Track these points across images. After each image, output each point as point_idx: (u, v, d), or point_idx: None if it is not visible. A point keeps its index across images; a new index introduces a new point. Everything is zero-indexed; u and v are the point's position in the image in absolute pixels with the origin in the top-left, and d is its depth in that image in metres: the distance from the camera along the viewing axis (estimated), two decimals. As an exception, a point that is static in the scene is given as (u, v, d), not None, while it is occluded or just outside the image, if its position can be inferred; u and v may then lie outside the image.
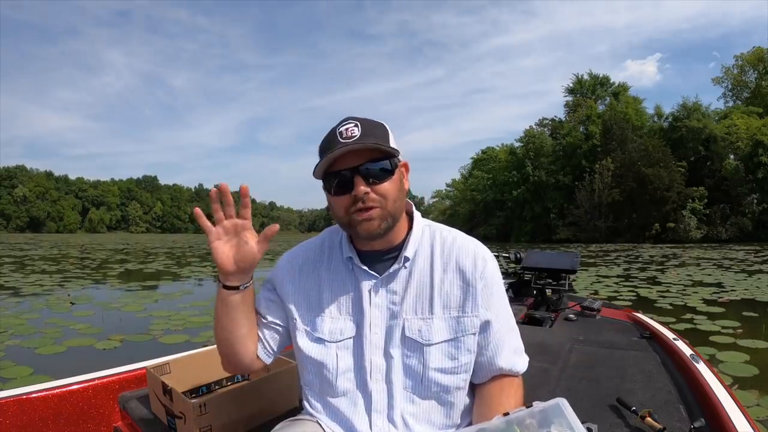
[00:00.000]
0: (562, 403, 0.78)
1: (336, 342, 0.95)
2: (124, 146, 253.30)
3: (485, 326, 0.95)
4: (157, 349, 4.56)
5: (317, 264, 1.01)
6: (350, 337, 0.95)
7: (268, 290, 1.04)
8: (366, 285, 0.95)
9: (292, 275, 1.01)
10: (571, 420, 0.76)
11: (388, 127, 0.93)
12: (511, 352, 0.97)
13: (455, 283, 0.95)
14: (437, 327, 0.93)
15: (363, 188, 0.87)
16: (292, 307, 0.99)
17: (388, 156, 0.89)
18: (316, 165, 0.89)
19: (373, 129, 0.89)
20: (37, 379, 3.63)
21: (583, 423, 0.79)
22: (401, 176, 0.94)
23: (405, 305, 0.94)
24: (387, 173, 0.89)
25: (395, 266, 0.95)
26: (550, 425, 0.76)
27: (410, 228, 0.98)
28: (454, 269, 0.95)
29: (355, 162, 0.87)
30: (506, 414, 0.79)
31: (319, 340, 0.96)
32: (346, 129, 0.87)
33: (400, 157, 0.93)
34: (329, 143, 0.88)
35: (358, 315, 0.96)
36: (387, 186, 0.89)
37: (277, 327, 1.02)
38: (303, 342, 0.97)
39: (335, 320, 0.96)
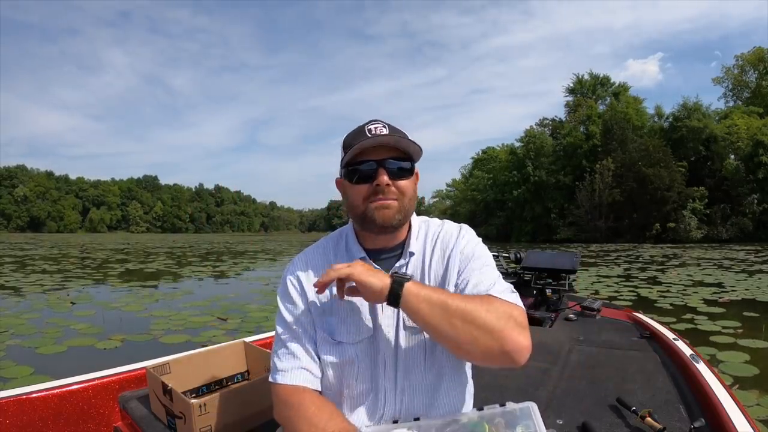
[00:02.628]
0: (532, 407, 0.82)
1: (355, 343, 0.97)
2: (124, 146, 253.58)
3: (462, 274, 0.96)
4: (157, 349, 4.56)
5: (325, 269, 1.00)
6: (368, 336, 0.98)
7: (293, 309, 0.99)
8: None
9: (304, 284, 1.01)
10: (537, 424, 0.79)
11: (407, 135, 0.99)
12: (491, 284, 0.93)
13: (439, 261, 1.01)
14: None
15: (385, 179, 0.92)
16: (312, 318, 0.99)
17: (409, 158, 0.97)
18: (344, 155, 0.94)
19: (398, 132, 0.96)
20: (37, 378, 3.63)
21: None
22: (415, 181, 1.00)
23: None
24: (407, 172, 0.96)
25: (401, 261, 1.00)
26: (516, 426, 0.79)
27: (410, 227, 1.04)
28: (439, 249, 1.02)
29: (381, 156, 0.93)
30: (480, 409, 0.84)
31: (340, 344, 0.97)
32: (375, 127, 0.94)
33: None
34: (357, 136, 0.94)
35: (371, 313, 0.98)
36: (406, 183, 0.96)
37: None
38: (324, 349, 0.98)
39: (351, 322, 0.98)
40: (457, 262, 0.98)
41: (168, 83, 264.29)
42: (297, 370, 0.95)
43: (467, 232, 1.04)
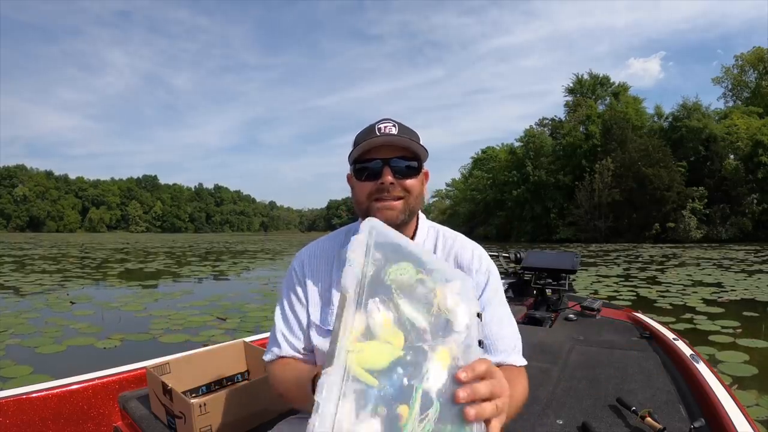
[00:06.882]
0: None
1: None
2: (124, 146, 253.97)
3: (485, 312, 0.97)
4: (157, 348, 4.56)
5: (329, 260, 1.05)
6: None
7: (290, 295, 1.05)
8: None
9: (306, 272, 1.05)
10: None
11: (418, 135, 1.01)
12: (511, 348, 0.98)
13: None
14: None
15: (390, 178, 0.94)
16: (308, 303, 1.03)
17: (416, 158, 0.97)
18: (351, 151, 0.97)
19: (408, 131, 0.98)
20: (37, 378, 3.63)
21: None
22: (423, 180, 1.01)
23: None
24: (413, 171, 0.97)
25: None
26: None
27: (416, 227, 1.05)
28: (453, 264, 1.01)
29: (388, 155, 0.95)
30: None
31: (328, 333, 0.98)
32: (385, 126, 0.96)
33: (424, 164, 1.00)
34: (367, 134, 0.96)
35: None
36: (412, 182, 0.97)
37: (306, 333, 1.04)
38: (315, 336, 1.01)
39: None
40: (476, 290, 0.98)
41: (168, 83, 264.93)
42: (277, 347, 1.02)
43: (487, 257, 1.04)
